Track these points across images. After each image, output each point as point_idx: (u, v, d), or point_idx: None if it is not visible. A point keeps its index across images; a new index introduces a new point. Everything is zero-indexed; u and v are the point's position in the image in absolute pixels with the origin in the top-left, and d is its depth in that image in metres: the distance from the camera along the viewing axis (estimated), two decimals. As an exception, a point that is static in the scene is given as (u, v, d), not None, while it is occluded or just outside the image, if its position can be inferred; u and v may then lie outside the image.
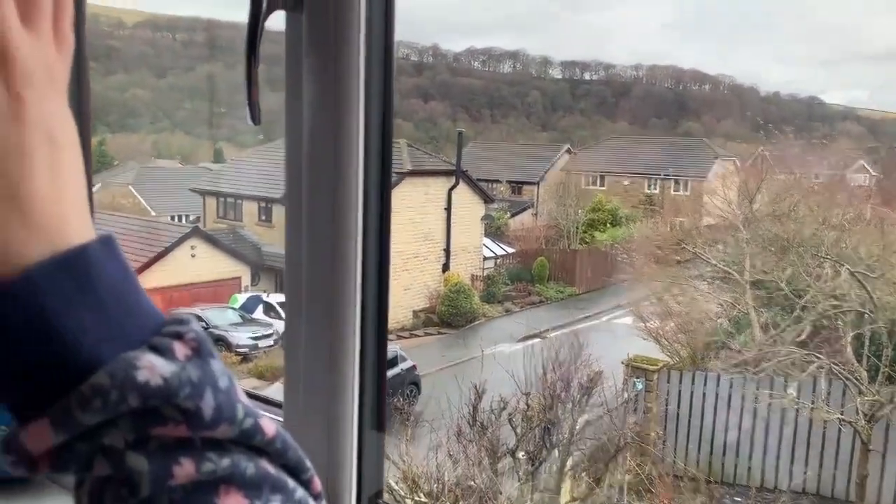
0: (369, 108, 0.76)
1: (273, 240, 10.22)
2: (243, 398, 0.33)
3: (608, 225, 13.32)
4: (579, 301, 11.64)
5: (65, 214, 0.31)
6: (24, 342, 0.29)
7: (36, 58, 0.30)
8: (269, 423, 0.33)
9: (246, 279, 9.75)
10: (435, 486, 4.32)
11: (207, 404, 0.31)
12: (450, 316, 10.25)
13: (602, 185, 15.41)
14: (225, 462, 0.31)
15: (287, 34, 0.76)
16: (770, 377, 6.50)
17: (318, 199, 0.80)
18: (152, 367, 0.30)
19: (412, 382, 7.61)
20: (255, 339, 8.29)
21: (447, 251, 11.27)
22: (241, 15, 0.71)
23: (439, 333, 9.97)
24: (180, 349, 0.31)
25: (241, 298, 9.19)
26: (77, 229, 0.31)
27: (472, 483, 4.64)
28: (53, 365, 0.29)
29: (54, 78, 0.31)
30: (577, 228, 13.23)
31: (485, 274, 11.82)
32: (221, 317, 8.01)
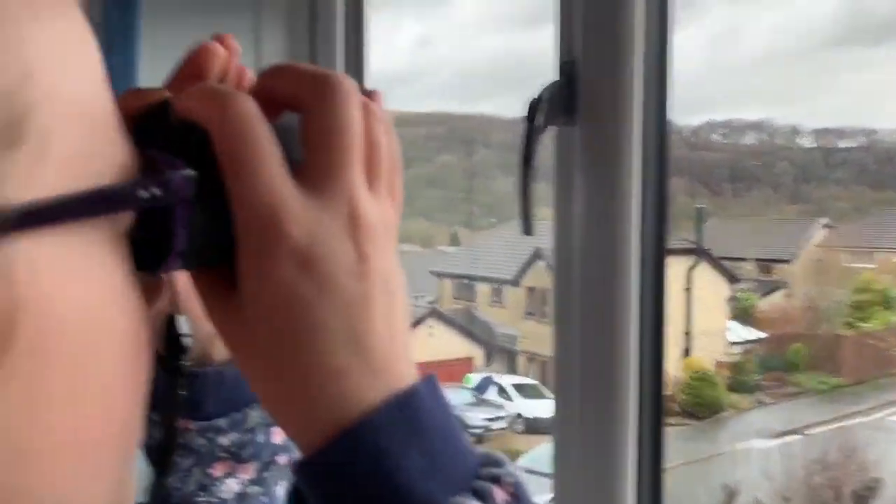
0: (645, 213, 0.75)
1: (504, 320, 10.36)
2: None
3: (879, 307, 11.76)
4: (846, 394, 10.27)
5: (398, 358, 0.33)
6: (363, 482, 0.31)
7: (377, 216, 0.33)
8: None
9: (479, 359, 9.92)
10: None
11: None
12: (692, 405, 9.51)
13: (869, 262, 13.73)
14: None
15: (557, 145, 0.79)
16: None
17: (592, 304, 0.77)
18: None
19: (652, 477, 7.08)
20: (489, 420, 8.32)
21: (688, 335, 10.61)
22: (476, 107, 0.72)
23: (680, 424, 9.31)
24: (499, 494, 0.32)
25: (475, 379, 9.32)
26: (407, 370, 0.33)
27: None
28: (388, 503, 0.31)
29: (390, 232, 0.34)
30: (840, 311, 11.83)
31: (731, 360, 10.91)
32: (456, 397, 8.16)
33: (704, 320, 11.26)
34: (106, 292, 0.27)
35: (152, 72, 0.94)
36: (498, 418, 8.64)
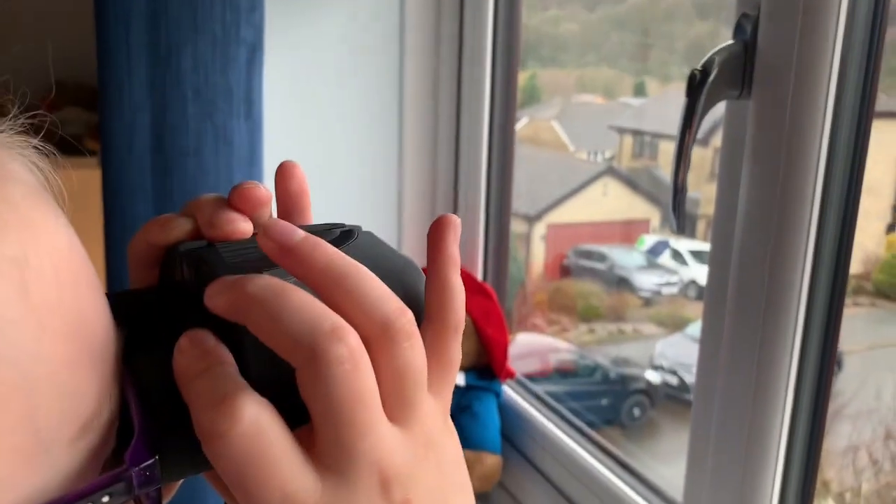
0: (828, 187, 0.59)
1: (686, 182, 9.77)
2: None
3: None
4: None
5: None
6: None
7: (412, 453, 0.28)
8: None
9: (655, 222, 9.54)
10: (849, 494, 3.72)
11: None
12: (889, 287, 8.68)
13: None
14: None
15: (727, 118, 0.66)
16: None
17: (750, 283, 0.62)
18: None
19: (832, 358, 6.71)
20: (660, 284, 8.13)
21: (897, 209, 9.54)
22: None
23: (873, 306, 8.56)
24: None
25: (649, 241, 9.02)
26: None
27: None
28: None
29: (431, 447, 0.29)
30: None
31: (946, 240, 9.75)
32: (627, 258, 7.98)
33: (919, 194, 9.94)
34: None
35: None
36: (669, 284, 8.38)
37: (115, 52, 0.79)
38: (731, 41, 0.61)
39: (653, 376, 3.19)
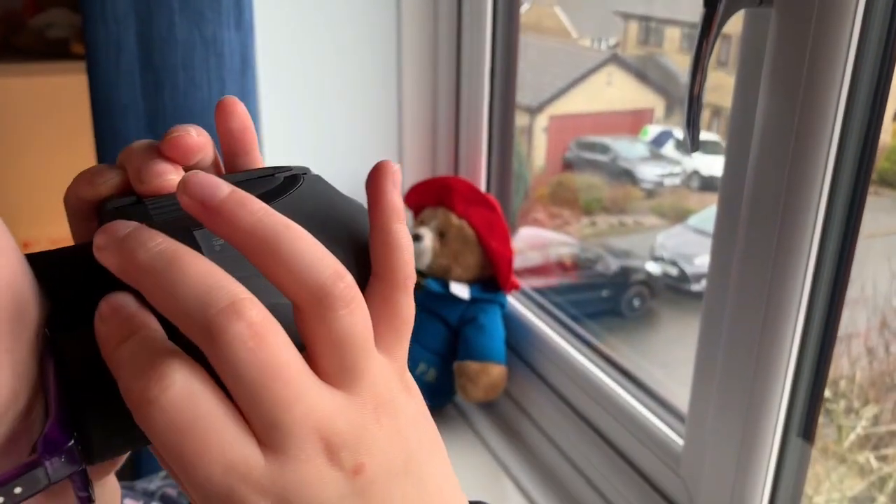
0: (852, 102, 0.55)
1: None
2: None
3: None
4: None
5: None
6: None
7: (359, 415, 0.26)
8: None
9: (659, 111, 9.35)
10: (843, 382, 3.83)
11: None
12: (894, 175, 8.61)
13: None
14: None
15: (745, 29, 0.62)
16: None
17: (764, 208, 0.59)
18: None
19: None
20: (662, 176, 8.06)
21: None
22: None
23: (875, 194, 8.48)
24: None
25: (652, 132, 8.88)
26: None
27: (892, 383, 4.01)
28: None
29: (385, 402, 0.27)
30: None
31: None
32: (630, 149, 7.88)
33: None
34: None
35: None
36: (672, 175, 8.31)
37: (94, -42, 0.74)
38: (753, -57, 0.57)
39: (653, 267, 3.22)
